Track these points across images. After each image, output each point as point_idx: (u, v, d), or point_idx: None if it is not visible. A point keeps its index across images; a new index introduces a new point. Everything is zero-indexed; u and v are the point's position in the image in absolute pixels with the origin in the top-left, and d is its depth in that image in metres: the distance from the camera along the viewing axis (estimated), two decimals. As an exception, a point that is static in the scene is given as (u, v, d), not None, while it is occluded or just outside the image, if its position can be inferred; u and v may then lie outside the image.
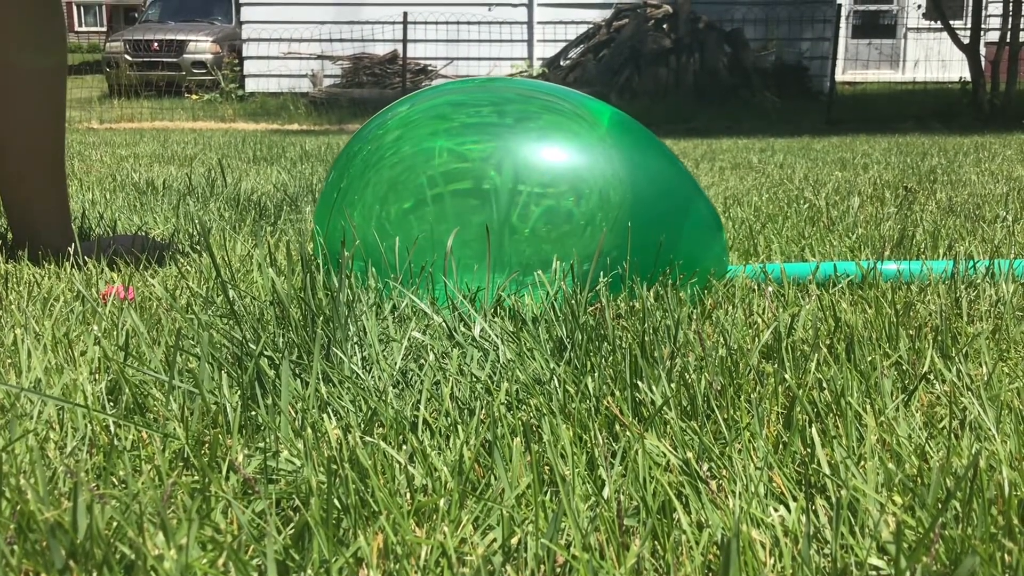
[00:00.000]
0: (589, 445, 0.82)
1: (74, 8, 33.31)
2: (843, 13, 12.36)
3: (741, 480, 0.73)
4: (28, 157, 1.65)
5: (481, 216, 1.30)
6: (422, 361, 1.02)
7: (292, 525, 0.68)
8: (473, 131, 1.37)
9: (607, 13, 11.38)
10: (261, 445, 0.81)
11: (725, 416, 0.87)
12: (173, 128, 8.18)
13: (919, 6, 16.05)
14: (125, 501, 0.68)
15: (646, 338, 1.03)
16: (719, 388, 0.92)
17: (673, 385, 0.93)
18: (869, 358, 1.03)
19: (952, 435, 0.83)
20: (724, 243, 1.45)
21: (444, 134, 1.37)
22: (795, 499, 0.72)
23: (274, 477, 0.75)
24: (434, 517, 0.69)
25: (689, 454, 0.76)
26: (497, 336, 1.07)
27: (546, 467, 0.78)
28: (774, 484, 0.74)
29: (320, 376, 0.93)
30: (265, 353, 0.97)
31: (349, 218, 1.34)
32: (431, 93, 1.48)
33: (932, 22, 15.20)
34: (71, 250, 1.66)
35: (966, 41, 9.65)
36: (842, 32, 13.07)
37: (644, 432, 0.82)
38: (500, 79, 1.56)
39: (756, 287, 1.43)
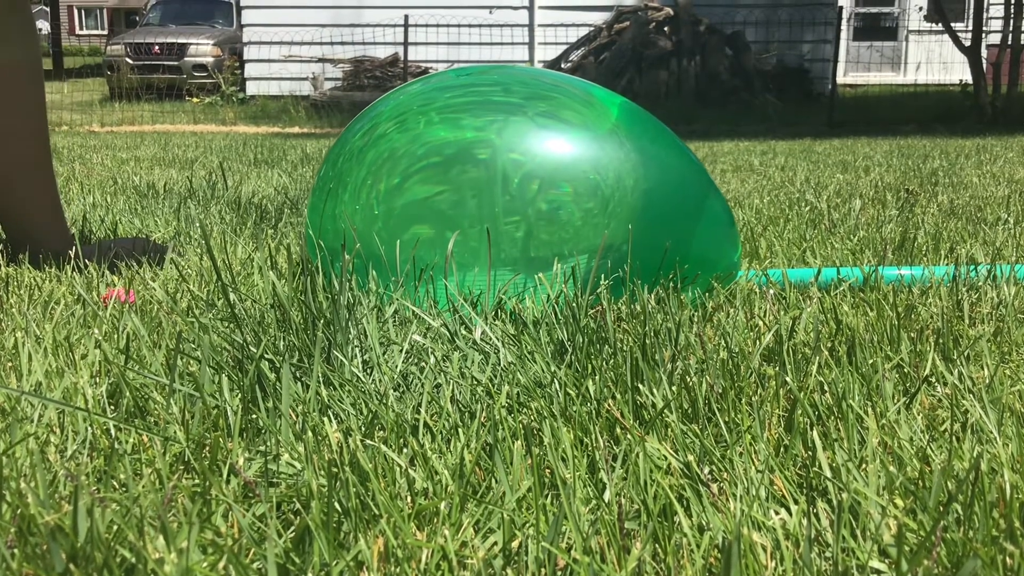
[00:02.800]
0: (590, 448, 0.82)
1: (75, 11, 33.36)
2: (844, 15, 12.37)
3: (742, 483, 0.73)
4: (9, 161, 1.63)
5: (480, 190, 1.27)
6: (423, 364, 1.02)
7: (293, 528, 0.68)
8: (479, 108, 1.35)
9: (608, 16, 11.38)
10: (262, 448, 0.81)
11: (726, 419, 0.87)
12: (174, 131, 8.19)
13: (920, 8, 16.05)
14: (126, 504, 0.68)
15: (647, 341, 1.03)
16: (720, 391, 0.92)
17: (674, 388, 0.92)
18: (870, 361, 1.03)
19: (954, 438, 0.83)
20: (738, 244, 1.42)
21: (448, 110, 1.34)
22: (796, 502, 0.72)
23: (275, 480, 0.75)
24: (435, 520, 0.69)
25: (690, 457, 0.76)
26: (498, 339, 1.07)
27: (547, 470, 0.78)
28: (775, 487, 0.74)
29: (321, 379, 0.93)
30: (266, 356, 0.97)
31: (348, 219, 1.34)
32: (440, 75, 1.46)
33: (933, 24, 15.20)
34: (72, 253, 1.66)
35: (967, 43, 9.64)
36: (843, 34, 13.09)
37: (645, 435, 0.81)
38: (508, 66, 1.54)
39: (757, 289, 1.42)
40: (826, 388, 0.94)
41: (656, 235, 1.31)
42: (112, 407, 0.93)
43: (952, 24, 9.94)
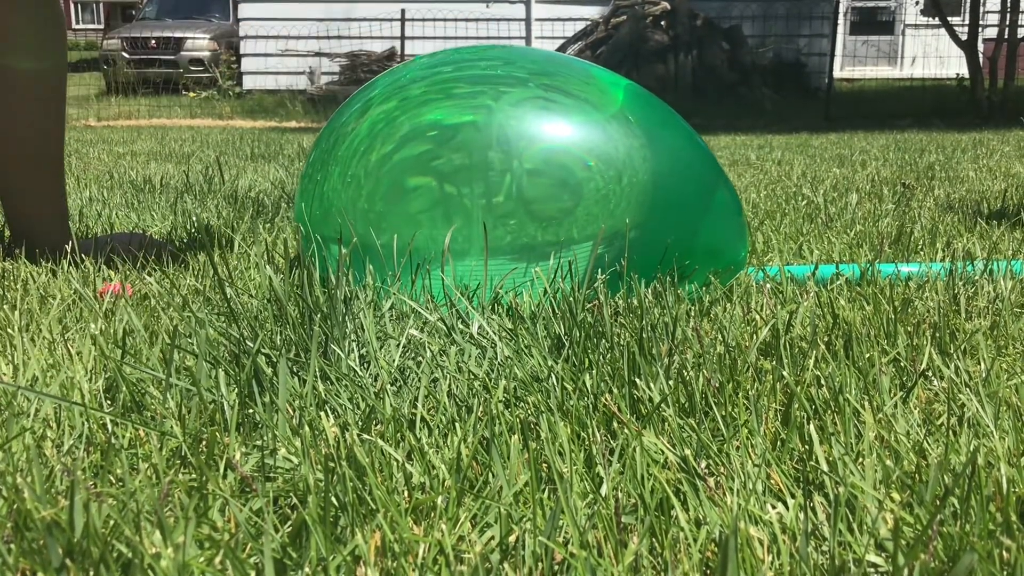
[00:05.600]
0: (587, 442, 0.82)
1: (71, 6, 33.28)
2: (841, 9, 12.37)
3: (739, 477, 0.73)
4: (27, 157, 1.65)
5: (471, 152, 1.24)
6: (420, 358, 1.02)
7: (290, 523, 0.68)
8: (482, 80, 1.32)
9: (605, 10, 11.37)
10: (259, 443, 0.81)
11: (723, 413, 0.87)
12: (171, 125, 8.17)
13: (917, 2, 16.05)
14: (122, 499, 0.68)
15: (644, 335, 1.03)
16: (717, 385, 0.92)
17: (671, 382, 0.92)
18: (867, 355, 1.03)
19: (950, 432, 0.83)
20: (746, 238, 1.39)
21: (450, 82, 1.32)
22: (793, 496, 0.72)
23: (272, 475, 0.75)
24: (432, 515, 0.69)
25: (687, 451, 0.76)
26: (495, 333, 1.07)
27: (544, 464, 0.78)
28: (772, 481, 0.74)
29: (318, 374, 0.93)
30: (263, 351, 0.97)
31: (344, 215, 1.33)
32: (444, 52, 1.44)
33: (930, 18, 15.20)
34: (68, 248, 1.65)
35: (964, 37, 9.64)
36: (840, 29, 13.08)
37: (642, 429, 0.81)
38: (513, 46, 1.51)
39: (754, 284, 1.42)
40: (823, 382, 0.94)
41: (665, 221, 1.28)
42: (109, 402, 0.93)
43: (949, 18, 9.94)
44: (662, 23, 10.91)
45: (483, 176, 1.24)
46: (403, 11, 10.80)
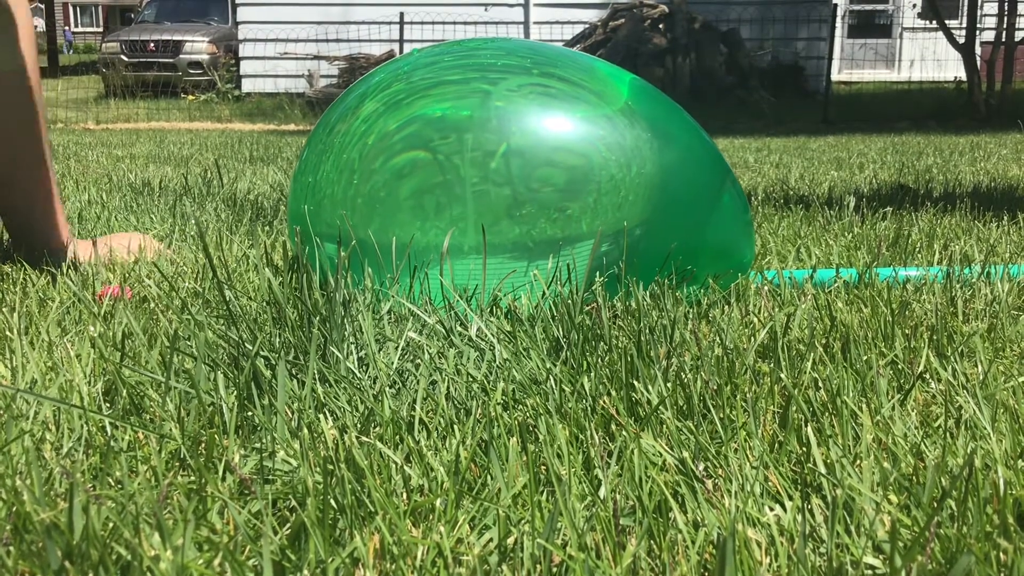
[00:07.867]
0: (585, 445, 0.82)
1: (70, 8, 33.26)
2: (839, 13, 12.37)
3: (737, 479, 0.74)
4: (11, 161, 1.64)
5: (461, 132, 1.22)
6: (418, 361, 1.02)
7: (288, 525, 0.68)
8: (483, 68, 1.32)
9: (603, 13, 11.39)
10: (257, 446, 0.81)
11: (721, 415, 0.87)
12: (169, 128, 8.17)
13: (915, 6, 16.08)
14: (121, 502, 0.68)
15: (642, 338, 1.03)
16: (715, 387, 0.92)
17: (669, 385, 0.93)
18: (865, 357, 1.03)
19: (948, 434, 0.83)
20: (753, 239, 1.37)
21: (452, 69, 1.31)
22: (791, 498, 0.72)
23: (270, 477, 0.75)
24: (430, 517, 0.69)
25: (685, 453, 0.77)
26: (493, 336, 1.07)
27: (542, 467, 0.78)
28: (770, 483, 0.74)
29: (316, 376, 0.93)
30: (262, 353, 0.97)
31: (337, 205, 1.32)
32: (446, 43, 1.43)
33: (928, 22, 15.23)
34: (69, 251, 1.65)
35: (962, 41, 9.66)
36: (838, 32, 13.09)
37: (640, 432, 0.82)
38: (515, 39, 1.51)
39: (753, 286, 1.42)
40: (820, 385, 0.95)
41: (673, 218, 1.26)
42: (108, 405, 0.93)
43: (946, 22, 9.96)
44: (660, 26, 10.92)
45: (482, 164, 1.23)
46: (401, 14, 10.81)
